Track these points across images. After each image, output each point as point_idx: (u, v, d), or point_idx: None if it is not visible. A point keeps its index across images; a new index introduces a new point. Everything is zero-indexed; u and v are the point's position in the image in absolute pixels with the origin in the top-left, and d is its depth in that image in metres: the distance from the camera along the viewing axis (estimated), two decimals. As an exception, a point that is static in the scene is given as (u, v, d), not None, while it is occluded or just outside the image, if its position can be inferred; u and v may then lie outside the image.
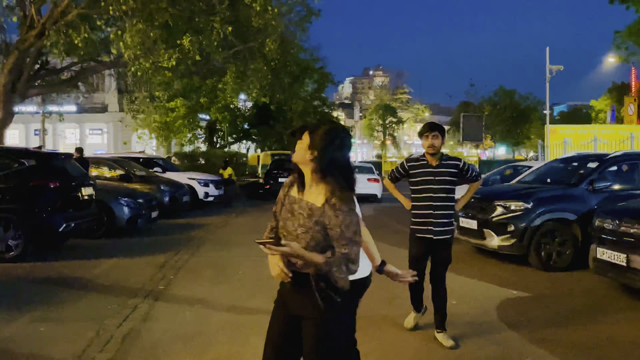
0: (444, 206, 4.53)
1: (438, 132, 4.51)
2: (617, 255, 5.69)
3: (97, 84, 33.65)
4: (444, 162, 4.55)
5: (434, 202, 4.51)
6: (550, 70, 18.67)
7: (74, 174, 8.77)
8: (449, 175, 4.54)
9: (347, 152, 2.39)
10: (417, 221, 4.65)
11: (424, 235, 4.57)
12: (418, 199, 4.63)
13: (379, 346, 4.49)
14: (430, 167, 4.55)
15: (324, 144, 2.30)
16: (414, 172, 4.65)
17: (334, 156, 2.32)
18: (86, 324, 4.92)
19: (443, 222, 4.53)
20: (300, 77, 27.76)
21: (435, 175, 4.53)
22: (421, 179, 4.59)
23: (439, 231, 4.53)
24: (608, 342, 4.64)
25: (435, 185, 4.51)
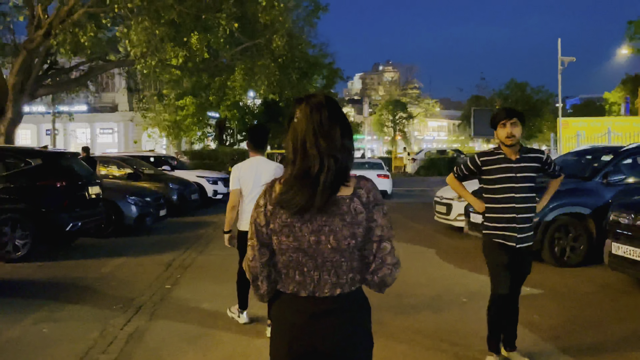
0: (527, 208, 3.81)
1: (517, 118, 3.78)
2: (634, 250, 5.52)
3: (106, 83, 33.78)
4: (524, 155, 3.83)
5: (517, 203, 3.77)
6: (562, 62, 18.34)
7: (81, 173, 8.75)
8: (532, 171, 3.82)
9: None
10: (496, 226, 3.86)
11: (506, 242, 3.82)
12: (496, 200, 3.85)
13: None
14: (510, 161, 3.80)
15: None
16: (488, 169, 3.87)
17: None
18: (90, 324, 4.87)
19: (527, 226, 3.83)
20: (308, 73, 27.56)
21: (517, 171, 3.78)
22: (499, 176, 3.81)
23: (523, 238, 3.82)
24: (625, 341, 4.48)
25: (518, 183, 3.78)
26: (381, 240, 1.81)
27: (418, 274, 6.98)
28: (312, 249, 1.77)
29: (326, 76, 33.00)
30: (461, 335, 4.62)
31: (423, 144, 73.29)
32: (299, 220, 1.77)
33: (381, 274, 1.82)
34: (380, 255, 1.81)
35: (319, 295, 1.78)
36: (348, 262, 1.80)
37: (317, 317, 1.78)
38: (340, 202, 1.78)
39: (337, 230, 1.76)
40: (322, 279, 1.78)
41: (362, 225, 1.79)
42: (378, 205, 1.83)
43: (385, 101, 67.80)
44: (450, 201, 10.15)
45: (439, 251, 8.52)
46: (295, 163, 1.78)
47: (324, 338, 1.77)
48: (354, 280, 1.83)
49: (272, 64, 17.50)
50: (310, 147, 1.76)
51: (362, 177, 1.86)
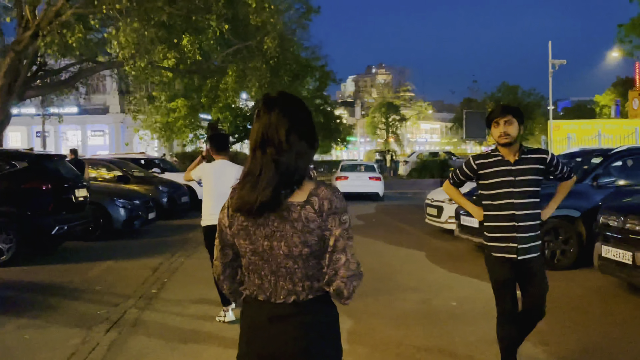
0: (529, 215, 3.40)
1: (512, 115, 3.41)
2: (623, 253, 5.49)
3: (97, 85, 33.57)
4: (525, 156, 3.44)
5: (518, 210, 3.38)
6: (552, 65, 18.41)
7: (67, 175, 8.63)
8: (534, 174, 3.42)
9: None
10: (494, 237, 3.47)
11: (505, 254, 3.43)
12: (494, 207, 3.46)
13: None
14: (508, 163, 3.42)
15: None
16: (485, 172, 3.49)
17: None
18: (73, 330, 4.77)
19: (529, 236, 3.41)
20: (300, 75, 27.52)
21: (517, 174, 3.40)
22: (496, 180, 3.43)
23: (526, 249, 3.40)
24: (614, 344, 4.44)
25: (517, 187, 3.38)
26: (334, 252, 1.73)
27: (408, 277, 6.93)
28: (266, 253, 1.75)
29: (318, 78, 33.00)
30: (450, 339, 4.56)
31: (416, 146, 73.47)
32: (254, 224, 1.75)
33: (335, 286, 1.74)
34: (334, 267, 1.73)
35: (275, 301, 1.76)
36: (303, 270, 1.74)
37: (274, 321, 1.76)
38: (291, 208, 1.72)
39: (288, 237, 1.72)
40: (278, 284, 1.76)
41: (315, 234, 1.72)
42: (335, 214, 1.73)
43: (378, 103, 67.95)
44: (441, 204, 10.12)
45: (429, 254, 8.47)
46: (250, 164, 1.75)
47: (280, 344, 1.75)
48: (313, 288, 1.76)
49: (263, 65, 17.43)
50: (257, 148, 1.73)
51: (322, 184, 1.77)
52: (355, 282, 1.75)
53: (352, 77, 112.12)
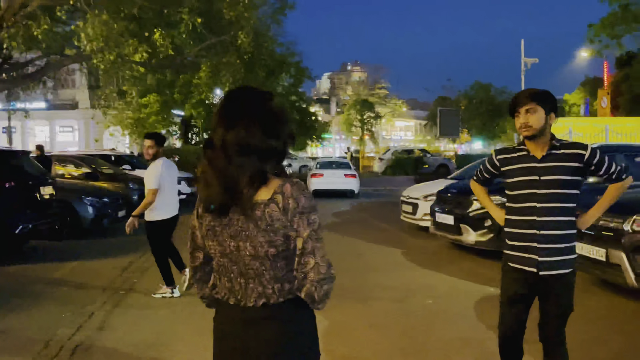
0: (556, 223, 2.82)
1: (536, 102, 2.84)
2: (597, 250, 5.52)
3: (66, 80, 32.71)
4: (555, 151, 2.85)
5: (540, 215, 2.82)
6: (525, 63, 18.67)
7: (32, 172, 8.31)
8: (565, 173, 2.81)
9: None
10: (513, 245, 2.94)
11: (524, 267, 2.89)
12: (514, 211, 2.94)
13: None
14: (533, 160, 2.87)
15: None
16: (508, 170, 2.98)
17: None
18: (35, 334, 4.55)
19: (556, 248, 2.82)
20: (275, 71, 27.32)
21: (542, 172, 2.84)
22: (519, 179, 2.91)
23: (550, 263, 2.82)
24: (588, 341, 4.45)
25: (542, 189, 2.83)
26: (302, 254, 1.63)
27: (383, 276, 6.86)
28: (233, 254, 1.68)
29: (293, 75, 32.82)
30: (426, 338, 4.51)
31: (391, 143, 73.86)
32: (220, 224, 1.68)
33: (305, 290, 1.64)
34: (302, 270, 1.64)
35: (245, 304, 1.68)
36: (271, 272, 1.66)
37: (245, 325, 1.69)
38: (255, 207, 1.63)
39: (253, 237, 1.64)
40: (249, 287, 1.68)
41: (281, 233, 1.63)
42: (302, 214, 1.63)
43: (353, 101, 68.02)
44: (416, 201, 10.11)
45: (405, 252, 8.44)
46: (212, 162, 1.65)
47: (252, 348, 1.67)
48: (284, 290, 1.67)
49: (237, 61, 17.20)
50: (215, 146, 1.64)
51: (289, 181, 1.67)
52: (326, 285, 1.65)
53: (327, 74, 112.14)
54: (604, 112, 25.01)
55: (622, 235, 5.22)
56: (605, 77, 31.74)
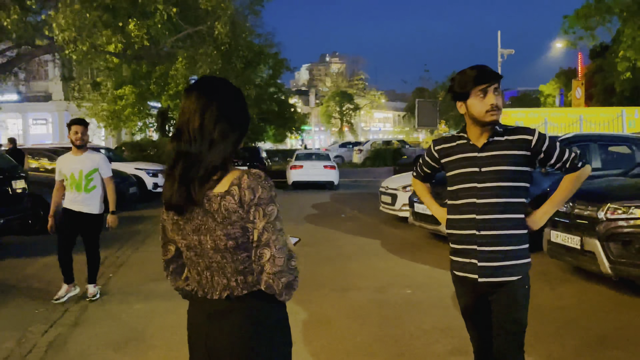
0: (498, 221, 2.43)
1: (498, 83, 2.43)
2: (571, 238, 5.61)
3: (38, 71, 31.93)
4: (498, 138, 2.45)
5: (480, 213, 2.43)
6: (502, 55, 18.84)
7: (3, 166, 8.08)
8: (510, 163, 2.41)
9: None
10: (454, 249, 2.59)
11: (465, 274, 2.53)
12: (454, 209, 2.55)
13: None
14: (474, 149, 2.48)
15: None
16: (448, 162, 2.58)
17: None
18: (7, 332, 4.43)
19: (499, 251, 2.43)
20: (253, 62, 27.04)
21: (483, 163, 2.45)
22: (458, 172, 2.52)
23: (490, 268, 2.44)
24: (563, 327, 4.52)
25: (482, 182, 2.44)
26: (259, 246, 1.61)
27: (362, 266, 6.87)
28: (197, 248, 1.68)
29: (272, 66, 32.57)
30: (405, 328, 4.52)
31: (369, 135, 74.09)
32: (182, 218, 1.68)
33: (264, 283, 1.62)
34: (259, 262, 1.61)
35: (212, 297, 1.68)
36: (232, 264, 1.65)
37: (212, 318, 1.68)
38: (212, 200, 1.62)
39: (212, 230, 1.63)
40: (214, 280, 1.68)
41: (238, 225, 1.61)
42: (258, 205, 1.60)
43: (332, 92, 68.00)
44: (395, 191, 10.14)
45: (384, 242, 8.46)
46: (174, 154, 1.65)
47: (218, 341, 1.67)
48: (247, 282, 1.65)
49: (214, 52, 16.97)
50: (173, 140, 1.65)
51: (246, 172, 1.65)
52: (284, 278, 1.61)
53: (306, 66, 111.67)
54: (578, 102, 25.43)
55: (596, 223, 5.30)
56: (580, 68, 32.25)
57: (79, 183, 5.22)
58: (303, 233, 9.55)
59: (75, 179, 5.22)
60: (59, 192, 5.37)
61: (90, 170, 5.23)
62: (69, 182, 5.23)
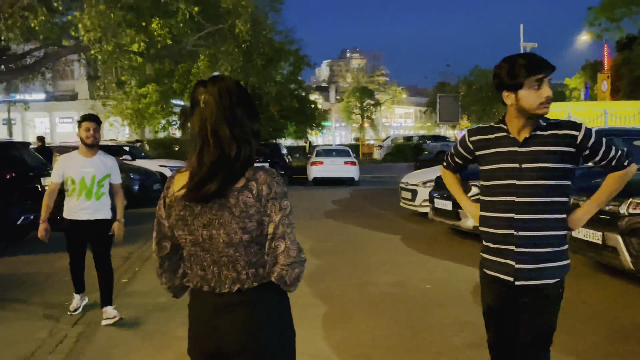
0: (537, 222, 2.29)
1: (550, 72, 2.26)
2: (593, 233, 5.57)
3: (65, 71, 32.63)
4: (541, 132, 2.30)
5: (519, 212, 2.30)
6: (524, 48, 18.60)
7: (33, 163, 8.35)
8: (553, 160, 2.27)
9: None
10: (488, 247, 2.45)
11: (499, 274, 2.39)
12: (490, 206, 2.41)
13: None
14: (514, 142, 2.33)
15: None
16: (484, 154, 2.43)
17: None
18: (39, 323, 4.63)
19: (538, 252, 2.30)
20: (274, 59, 27.17)
21: (523, 159, 2.30)
22: (495, 167, 2.37)
23: (527, 271, 2.32)
24: (585, 322, 4.51)
25: (522, 179, 2.29)
26: (273, 239, 1.68)
27: (382, 261, 6.93)
28: (207, 243, 1.71)
29: (292, 63, 32.66)
30: (423, 321, 4.57)
31: (390, 130, 73.75)
32: (191, 213, 1.71)
33: (276, 274, 1.69)
34: (273, 254, 1.69)
35: (220, 291, 1.72)
36: (245, 257, 1.70)
37: (219, 312, 1.72)
38: (229, 194, 1.67)
39: (227, 224, 1.67)
40: (222, 274, 1.72)
41: (254, 219, 1.68)
42: (274, 199, 1.68)
43: (352, 88, 67.82)
44: (415, 187, 10.15)
45: (404, 237, 8.49)
46: (202, 151, 1.67)
47: (226, 334, 1.71)
48: (257, 275, 1.72)
49: (235, 49, 17.14)
50: (198, 137, 1.68)
51: (260, 168, 1.72)
52: (297, 269, 1.70)
53: (326, 62, 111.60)
54: (604, 96, 24.93)
55: (618, 218, 5.26)
56: (606, 61, 31.57)
57: (90, 189, 4.54)
58: (323, 228, 9.65)
59: (85, 185, 4.53)
60: (53, 195, 4.65)
61: (104, 176, 4.61)
62: (77, 187, 4.53)
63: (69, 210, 4.62)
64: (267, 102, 30.32)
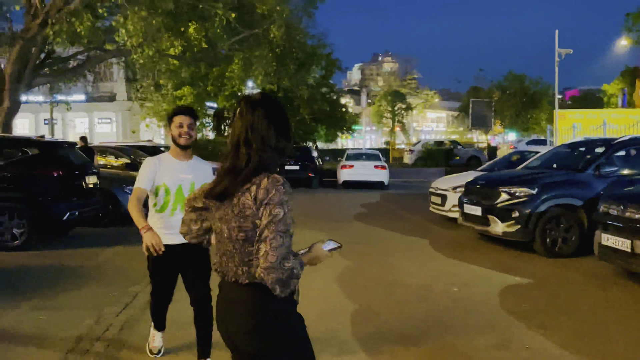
0: None
1: None
2: (622, 241, 5.60)
3: (104, 73, 33.70)
4: None
5: None
6: (559, 54, 18.36)
7: (78, 162, 8.79)
8: None
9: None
10: None
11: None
12: None
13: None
14: None
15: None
16: None
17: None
18: (86, 311, 4.95)
19: None
20: (306, 63, 27.46)
21: None
22: None
23: None
24: (612, 328, 4.57)
25: None
26: (258, 241, 1.80)
27: (410, 264, 7.06)
28: (219, 235, 1.95)
29: (324, 67, 32.90)
30: (450, 322, 4.71)
31: (422, 135, 73.23)
32: (215, 204, 1.95)
33: (257, 275, 1.82)
34: (256, 256, 1.82)
35: (227, 280, 1.95)
36: (239, 255, 1.88)
37: (225, 303, 1.97)
38: (235, 195, 1.88)
39: (229, 220, 1.89)
40: (228, 265, 1.93)
41: (250, 221, 1.84)
42: (267, 205, 1.80)
43: (384, 92, 67.63)
44: (445, 192, 10.23)
45: (433, 242, 8.60)
46: (226, 157, 1.93)
47: (231, 323, 1.94)
48: (250, 274, 1.87)
49: (269, 54, 17.48)
50: (241, 144, 1.89)
51: (268, 175, 1.87)
52: (273, 274, 1.76)
53: (358, 65, 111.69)
54: (643, 103, 24.33)
55: (647, 227, 5.29)
56: (645, 67, 30.76)
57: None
58: (352, 230, 9.82)
59: (182, 196, 3.48)
60: (141, 202, 3.50)
61: (203, 184, 3.08)
62: (171, 199, 3.49)
63: (157, 230, 3.47)
64: (298, 105, 30.67)
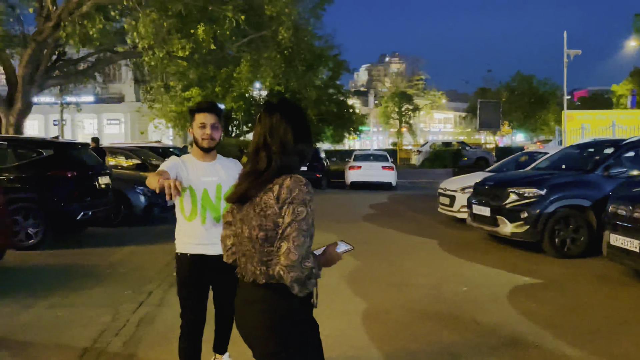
0: None
1: None
2: (631, 241, 5.64)
3: (113, 75, 33.96)
4: None
5: None
6: (567, 55, 18.35)
7: (91, 163, 8.93)
8: None
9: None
10: None
11: None
12: None
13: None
14: None
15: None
16: None
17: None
18: (102, 309, 5.05)
19: None
20: (314, 64, 27.60)
21: None
22: None
23: None
24: (620, 328, 4.62)
25: None
26: (280, 239, 1.83)
27: (419, 264, 7.12)
28: (240, 236, 1.98)
29: (332, 68, 33.00)
30: (459, 321, 4.77)
31: (429, 136, 73.14)
32: (237, 207, 2.00)
33: (276, 273, 1.84)
34: (277, 253, 1.84)
35: (245, 280, 1.99)
36: (258, 255, 1.90)
37: (243, 305, 2.01)
38: (257, 195, 1.92)
39: (250, 220, 1.92)
40: (247, 266, 1.97)
41: (271, 220, 1.86)
42: (290, 203, 1.83)
43: (391, 93, 67.65)
44: (453, 193, 10.27)
45: (441, 242, 8.65)
46: (248, 160, 1.98)
47: (246, 323, 1.99)
48: (268, 275, 1.89)
49: (277, 55, 17.58)
50: (261, 148, 1.95)
51: (290, 175, 1.91)
52: (293, 273, 1.79)
53: (365, 66, 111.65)
54: (652, 103, 24.22)
55: (656, 227, 5.32)
56: (654, 68, 30.60)
57: (216, 206, 3.09)
58: (361, 231, 9.89)
59: (210, 200, 3.09)
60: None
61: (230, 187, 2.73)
62: (199, 204, 3.06)
63: (186, 241, 3.10)
64: (306, 106, 30.75)
